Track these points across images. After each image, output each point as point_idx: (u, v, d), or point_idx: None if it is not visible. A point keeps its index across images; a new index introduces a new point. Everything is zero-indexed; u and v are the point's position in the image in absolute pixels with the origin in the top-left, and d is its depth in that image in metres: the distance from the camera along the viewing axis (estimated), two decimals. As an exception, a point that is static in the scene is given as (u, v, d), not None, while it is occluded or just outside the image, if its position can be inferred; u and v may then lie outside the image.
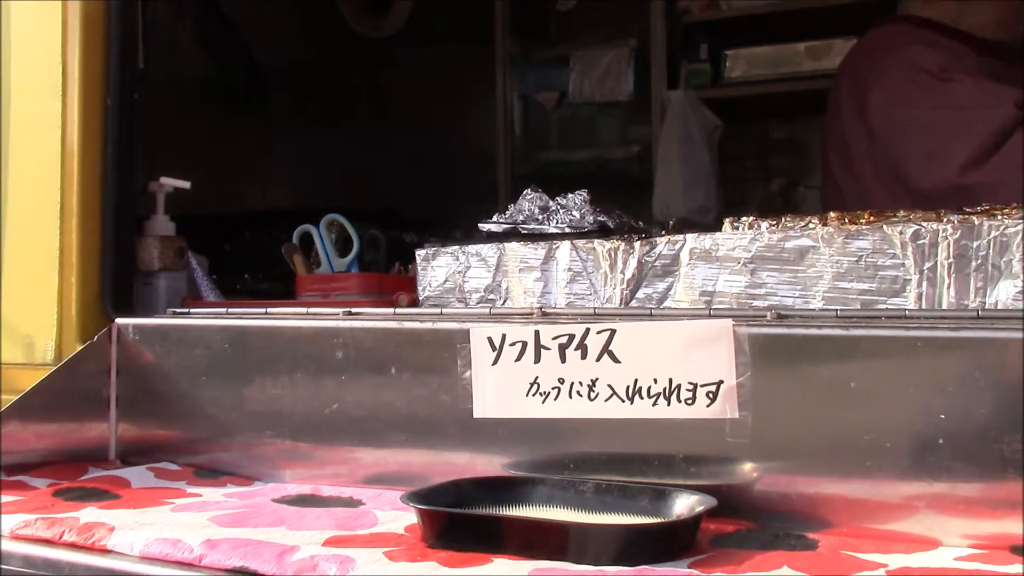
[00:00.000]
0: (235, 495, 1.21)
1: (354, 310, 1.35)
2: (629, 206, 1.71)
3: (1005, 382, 0.96)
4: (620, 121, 3.49)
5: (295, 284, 1.59)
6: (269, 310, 1.40)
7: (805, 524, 1.02)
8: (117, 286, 1.50)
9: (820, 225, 1.21)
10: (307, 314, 1.37)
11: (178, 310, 1.49)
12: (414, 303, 1.43)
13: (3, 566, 0.99)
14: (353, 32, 3.35)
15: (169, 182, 1.59)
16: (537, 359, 1.15)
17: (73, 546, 0.99)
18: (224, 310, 1.43)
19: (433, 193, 3.07)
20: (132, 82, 1.53)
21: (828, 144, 2.19)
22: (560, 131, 3.56)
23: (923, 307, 1.12)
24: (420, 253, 1.42)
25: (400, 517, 1.08)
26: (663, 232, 1.44)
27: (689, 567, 0.87)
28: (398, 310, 1.35)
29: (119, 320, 1.42)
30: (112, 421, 1.41)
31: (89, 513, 1.07)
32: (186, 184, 1.61)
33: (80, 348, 1.41)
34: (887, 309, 1.13)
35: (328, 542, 0.96)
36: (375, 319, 1.28)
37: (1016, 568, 0.87)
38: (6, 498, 1.15)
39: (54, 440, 1.35)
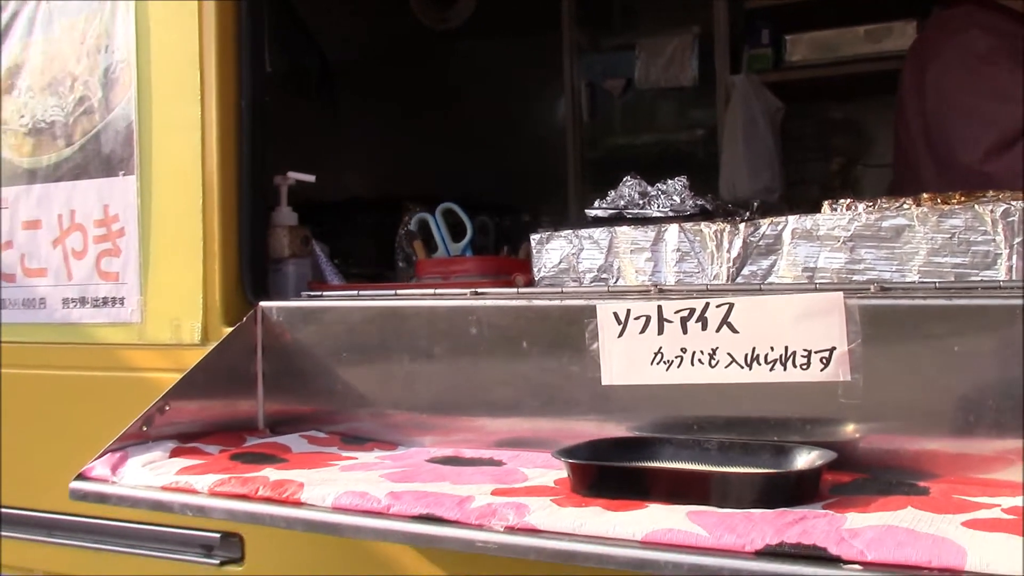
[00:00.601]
0: (387, 458, 1.34)
1: (480, 290, 1.48)
2: (696, 187, 1.82)
3: (1094, 343, 1.07)
4: (685, 106, 3.59)
5: (415, 268, 1.72)
6: (399, 292, 1.54)
7: (914, 475, 1.14)
8: (254, 272, 1.64)
9: (915, 206, 1.32)
10: (435, 294, 1.50)
11: (312, 293, 1.63)
12: (529, 283, 1.55)
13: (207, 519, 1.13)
14: (421, 25, 3.48)
15: (295, 176, 1.72)
16: (660, 331, 1.27)
17: (270, 500, 1.14)
18: (356, 292, 1.57)
19: (507, 178, 3.19)
20: (261, 85, 1.67)
21: (897, 120, 2.30)
22: (627, 117, 3.67)
23: (1014, 278, 1.23)
24: (535, 237, 1.55)
25: (546, 473, 1.21)
26: (748, 213, 1.56)
27: (823, 508, 0.99)
28: (521, 289, 1.48)
29: (263, 303, 1.56)
30: (259, 395, 1.55)
31: (272, 473, 1.21)
32: (311, 178, 1.74)
33: (230, 330, 1.55)
34: (982, 280, 1.24)
35: (495, 492, 1.09)
36: (504, 298, 1.41)
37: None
38: (188, 462, 1.29)
39: (214, 412, 1.49)
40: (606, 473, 1.10)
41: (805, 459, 1.12)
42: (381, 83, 3.33)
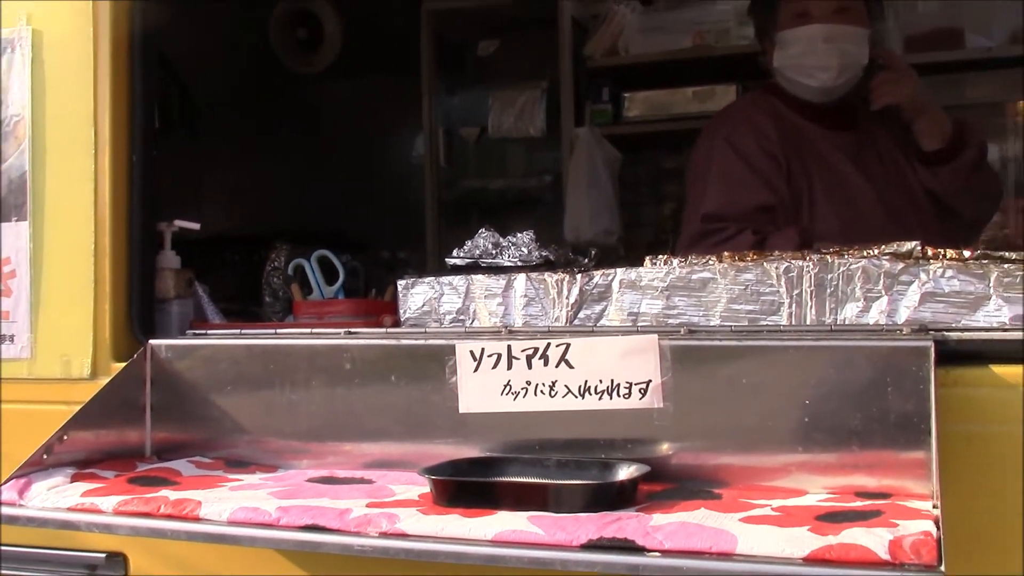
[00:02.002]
0: (270, 479, 1.53)
1: (353, 330, 1.68)
2: (543, 229, 2.07)
3: (851, 377, 1.35)
4: (534, 153, 3.89)
5: (293, 308, 1.91)
6: (279, 331, 1.72)
7: (712, 483, 1.40)
8: (142, 312, 1.79)
9: (718, 262, 1.60)
10: (312, 333, 1.69)
11: (196, 331, 1.79)
12: (396, 323, 1.76)
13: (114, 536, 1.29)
14: (287, 68, 3.65)
15: (180, 223, 1.89)
16: (509, 367, 1.50)
17: (171, 516, 1.30)
18: (239, 331, 1.75)
19: (368, 216, 3.39)
20: (152, 140, 1.83)
21: None
22: (481, 161, 3.94)
23: (793, 323, 1.52)
24: (401, 283, 1.76)
25: (411, 489, 1.42)
26: (587, 259, 1.82)
27: (637, 511, 1.24)
28: (390, 330, 1.69)
29: (152, 341, 1.72)
30: (147, 425, 1.70)
31: (170, 493, 1.38)
32: (195, 225, 1.91)
33: (120, 366, 1.70)
34: (767, 325, 1.53)
35: (369, 505, 1.30)
36: (375, 337, 1.62)
37: (857, 503, 1.26)
38: (90, 485, 1.44)
39: (107, 441, 1.63)
40: (463, 487, 1.32)
41: (625, 472, 1.37)
42: (247, 124, 3.48)
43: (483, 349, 1.51)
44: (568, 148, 3.59)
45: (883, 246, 1.53)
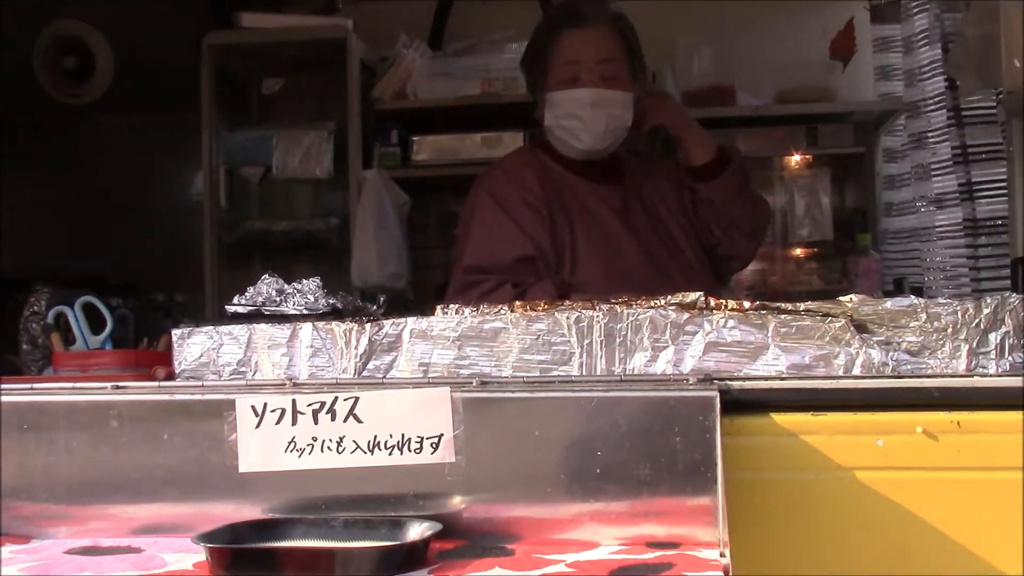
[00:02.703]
0: (21, 552, 1.37)
1: (121, 384, 1.55)
2: (330, 272, 2.01)
3: (641, 427, 1.36)
4: (321, 195, 3.80)
5: (52, 360, 1.74)
6: (35, 386, 1.57)
7: (505, 538, 1.37)
8: None
9: (510, 312, 1.59)
10: (74, 388, 1.55)
11: (-64, 387, 1.60)
12: (170, 375, 1.64)
13: None
14: (52, 98, 3.41)
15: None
16: (294, 422, 1.42)
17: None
18: (-13, 386, 1.58)
19: (141, 258, 3.20)
20: None
21: None
22: (265, 202, 3.81)
23: (584, 373, 1.52)
24: (176, 332, 1.64)
25: (185, 558, 1.31)
26: (376, 307, 1.77)
27: (429, 572, 1.19)
28: (162, 383, 1.57)
29: None
30: None
31: (-100, 574, 1.21)
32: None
33: None
34: (559, 375, 1.52)
35: (137, 579, 1.18)
36: (145, 392, 1.50)
37: (648, 555, 1.26)
38: None
39: None
40: (240, 555, 1.23)
41: (416, 531, 1.32)
42: (3, 157, 3.22)
43: (265, 404, 1.43)
44: (356, 190, 3.54)
45: (669, 296, 1.56)
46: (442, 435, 1.39)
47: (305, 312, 1.69)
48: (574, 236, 2.51)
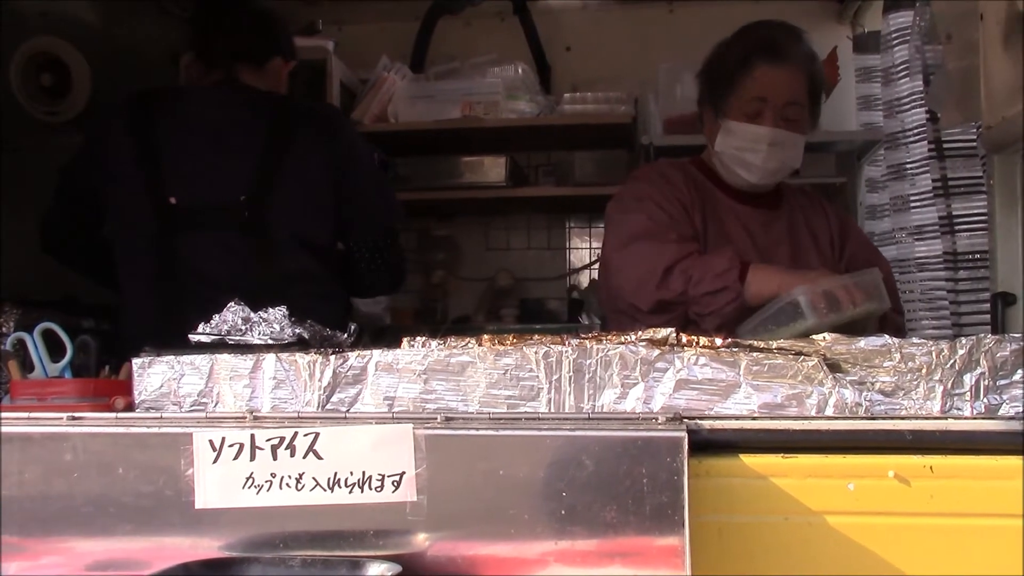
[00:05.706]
0: (-33, 589, 1.33)
1: (77, 415, 1.51)
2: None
3: (608, 467, 1.33)
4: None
5: (10, 388, 1.70)
6: (-11, 415, 1.52)
7: (468, 579, 1.34)
8: None
9: (477, 345, 1.55)
10: (29, 419, 1.51)
11: None
12: (130, 406, 1.60)
13: None
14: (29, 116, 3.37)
15: None
16: (252, 458, 1.39)
17: None
18: (-61, 415, 1.53)
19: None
20: None
21: None
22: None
23: (552, 409, 1.49)
24: (136, 362, 1.61)
25: (135, 598, 1.27)
26: (346, 336, 1.74)
27: (385, 618, 1.15)
28: (120, 415, 1.53)
29: None
30: None
31: None
32: None
33: None
34: (526, 412, 1.49)
35: (82, 622, 1.14)
36: (102, 424, 1.46)
37: (611, 601, 1.23)
38: None
39: None
40: (193, 597, 1.19)
41: (375, 571, 1.28)
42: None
43: (224, 438, 1.39)
44: (335, 213, 3.49)
45: (640, 332, 1.53)
46: (404, 473, 1.36)
47: (270, 342, 1.66)
48: (704, 243, 2.55)
